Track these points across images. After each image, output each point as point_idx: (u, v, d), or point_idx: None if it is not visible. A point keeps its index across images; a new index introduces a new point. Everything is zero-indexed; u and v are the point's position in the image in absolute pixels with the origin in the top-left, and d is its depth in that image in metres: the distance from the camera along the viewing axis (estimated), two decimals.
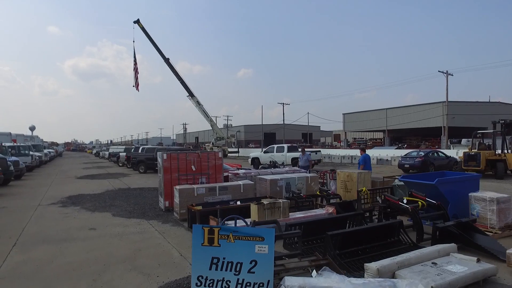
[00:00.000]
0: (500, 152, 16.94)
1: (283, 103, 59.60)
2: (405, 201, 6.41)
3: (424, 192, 6.77)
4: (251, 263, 3.42)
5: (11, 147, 22.71)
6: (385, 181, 10.23)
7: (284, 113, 59.64)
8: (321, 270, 3.89)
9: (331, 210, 7.00)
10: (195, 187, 8.34)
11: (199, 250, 3.45)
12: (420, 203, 6.41)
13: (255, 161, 27.88)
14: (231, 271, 3.41)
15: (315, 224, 5.83)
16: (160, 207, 9.44)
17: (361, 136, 72.43)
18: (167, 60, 42.02)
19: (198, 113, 45.06)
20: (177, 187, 8.27)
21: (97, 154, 55.79)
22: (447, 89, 39.70)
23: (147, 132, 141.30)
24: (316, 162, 25.69)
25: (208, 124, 46.82)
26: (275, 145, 29.27)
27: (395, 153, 31.84)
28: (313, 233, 5.65)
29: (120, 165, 29.92)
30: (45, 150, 36.50)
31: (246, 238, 3.45)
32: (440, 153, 21.76)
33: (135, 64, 37.99)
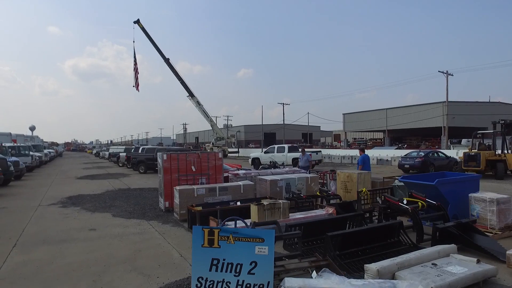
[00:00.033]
0: (500, 153, 16.92)
1: (283, 103, 59.63)
2: (405, 202, 6.43)
3: (424, 192, 6.78)
4: (251, 264, 3.43)
5: (11, 147, 22.69)
6: (385, 181, 10.24)
7: (284, 113, 59.70)
8: (321, 272, 3.89)
9: (331, 211, 7.01)
10: (195, 187, 8.34)
11: (199, 252, 3.45)
12: (420, 203, 6.42)
13: (255, 161, 27.84)
14: (231, 272, 3.41)
15: (315, 225, 5.84)
16: (160, 207, 9.44)
17: (361, 136, 72.41)
18: (167, 60, 42.00)
19: (198, 113, 45.04)
20: (177, 188, 8.28)
21: (97, 154, 55.81)
22: (447, 89, 39.74)
23: (147, 132, 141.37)
24: (317, 163, 25.67)
25: (208, 124, 46.79)
26: (276, 145, 29.23)
27: (395, 153, 31.85)
28: (313, 234, 5.66)
29: (120, 165, 29.94)
30: (45, 150, 36.52)
31: (246, 240, 3.46)
32: (440, 154, 21.71)
33: (135, 64, 38.03)
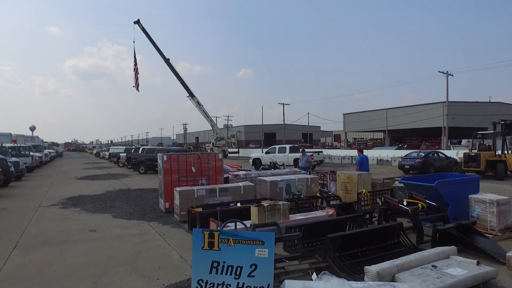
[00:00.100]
0: (500, 153, 16.90)
1: (283, 103, 59.65)
2: (405, 203, 6.43)
3: (424, 194, 6.78)
4: (251, 267, 3.43)
5: (11, 147, 22.70)
6: (385, 182, 10.24)
7: (284, 113, 59.72)
8: (321, 274, 3.89)
9: (331, 212, 7.01)
10: (195, 188, 8.35)
11: (199, 254, 3.45)
12: (420, 205, 6.42)
13: (256, 162, 27.75)
14: (231, 275, 3.41)
15: (315, 226, 5.85)
16: (160, 208, 9.45)
17: (361, 136, 72.37)
18: (167, 61, 42.03)
19: (198, 113, 45.08)
20: (177, 189, 8.29)
21: (97, 155, 55.82)
22: (447, 89, 39.74)
23: (147, 132, 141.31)
24: (318, 163, 25.63)
25: (208, 124, 46.82)
26: (277, 146, 29.19)
27: (395, 153, 31.87)
28: (313, 235, 5.66)
29: (120, 165, 29.95)
30: (45, 151, 36.52)
31: (246, 242, 3.46)
32: (440, 154, 21.71)
33: (135, 64, 38.10)
